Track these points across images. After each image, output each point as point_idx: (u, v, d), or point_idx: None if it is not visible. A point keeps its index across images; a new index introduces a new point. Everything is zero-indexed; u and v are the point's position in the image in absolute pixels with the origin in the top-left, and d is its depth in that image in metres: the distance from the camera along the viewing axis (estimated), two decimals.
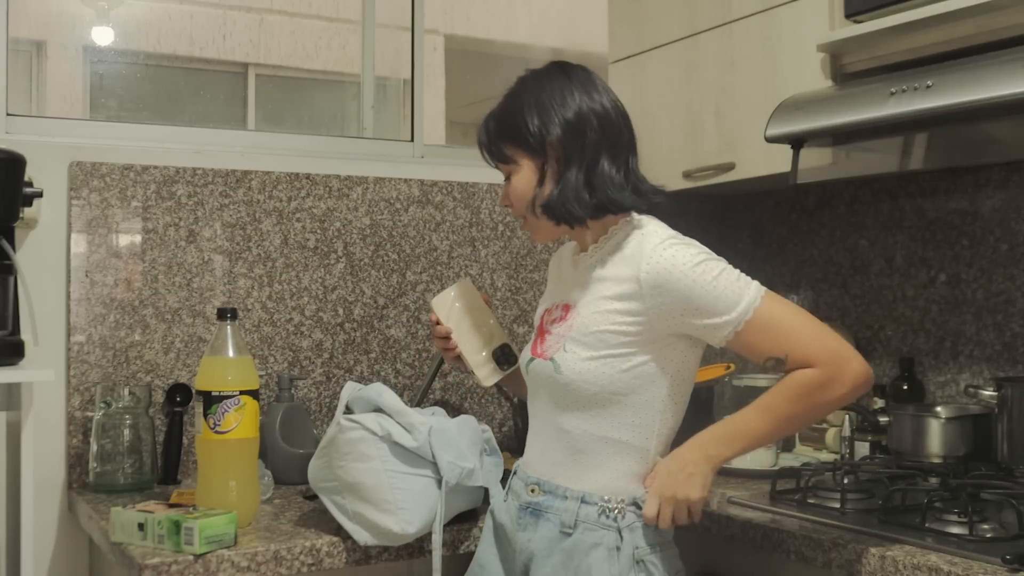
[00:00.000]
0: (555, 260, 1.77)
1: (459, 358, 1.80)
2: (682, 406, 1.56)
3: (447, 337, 1.79)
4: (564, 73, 1.57)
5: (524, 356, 1.64)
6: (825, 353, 1.44)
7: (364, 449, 1.61)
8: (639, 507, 1.49)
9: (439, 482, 1.64)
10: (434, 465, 1.64)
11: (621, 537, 1.47)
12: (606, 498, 1.49)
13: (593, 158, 1.52)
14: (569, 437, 1.53)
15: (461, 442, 1.69)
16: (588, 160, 1.52)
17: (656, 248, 1.48)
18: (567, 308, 1.58)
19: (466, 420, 1.76)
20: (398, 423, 1.65)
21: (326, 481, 1.66)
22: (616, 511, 1.48)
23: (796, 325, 1.46)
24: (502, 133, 1.57)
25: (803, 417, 1.49)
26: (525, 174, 1.55)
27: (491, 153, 1.60)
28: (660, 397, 1.51)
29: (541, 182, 1.54)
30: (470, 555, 1.70)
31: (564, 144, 1.52)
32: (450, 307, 1.82)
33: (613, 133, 1.54)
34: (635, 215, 1.56)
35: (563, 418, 1.53)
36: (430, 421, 1.67)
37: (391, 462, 1.61)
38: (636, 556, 1.47)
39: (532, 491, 1.55)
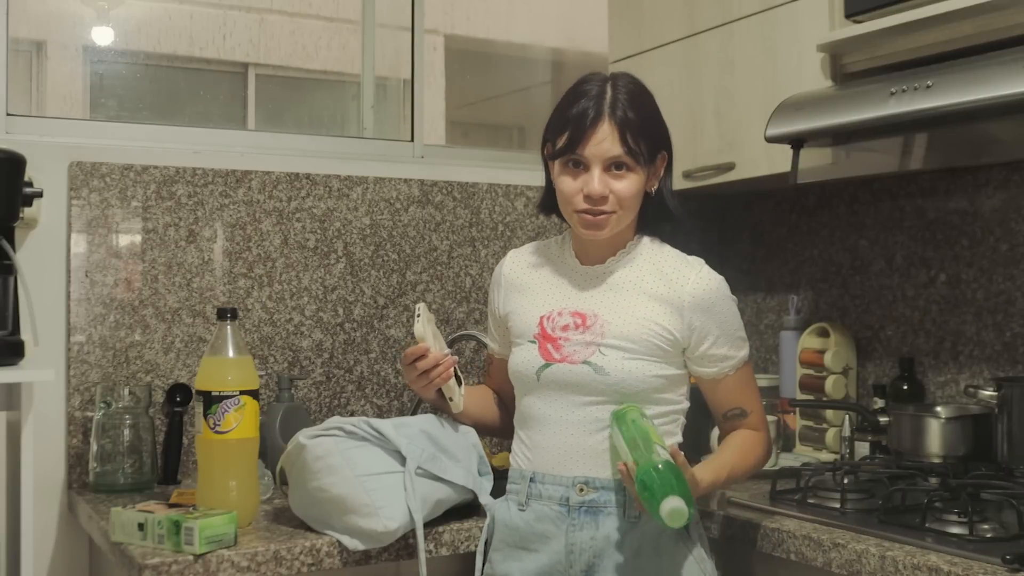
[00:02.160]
0: (530, 268, 1.73)
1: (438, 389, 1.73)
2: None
3: (437, 365, 1.70)
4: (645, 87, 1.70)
5: (531, 362, 1.63)
6: (764, 426, 1.73)
7: (331, 461, 1.62)
8: None
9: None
10: (402, 459, 1.64)
11: (690, 526, 1.58)
12: None
13: (671, 179, 1.70)
14: (607, 431, 1.59)
15: (437, 439, 1.70)
16: (670, 182, 1.70)
17: (702, 272, 1.64)
18: (585, 317, 1.62)
19: (432, 419, 1.75)
20: (359, 426, 1.66)
21: (311, 508, 1.66)
22: None
23: (757, 391, 1.73)
24: (648, 134, 1.61)
25: (745, 476, 1.70)
26: (639, 178, 1.61)
27: (628, 149, 1.58)
28: (682, 392, 1.68)
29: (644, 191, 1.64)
30: (471, 555, 1.70)
31: (668, 160, 1.68)
32: (433, 335, 1.74)
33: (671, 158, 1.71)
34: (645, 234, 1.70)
35: (601, 412, 1.59)
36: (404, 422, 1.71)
37: (359, 467, 1.62)
38: (699, 529, 1.62)
39: (581, 490, 1.57)
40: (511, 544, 1.62)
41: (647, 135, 1.60)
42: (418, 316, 1.73)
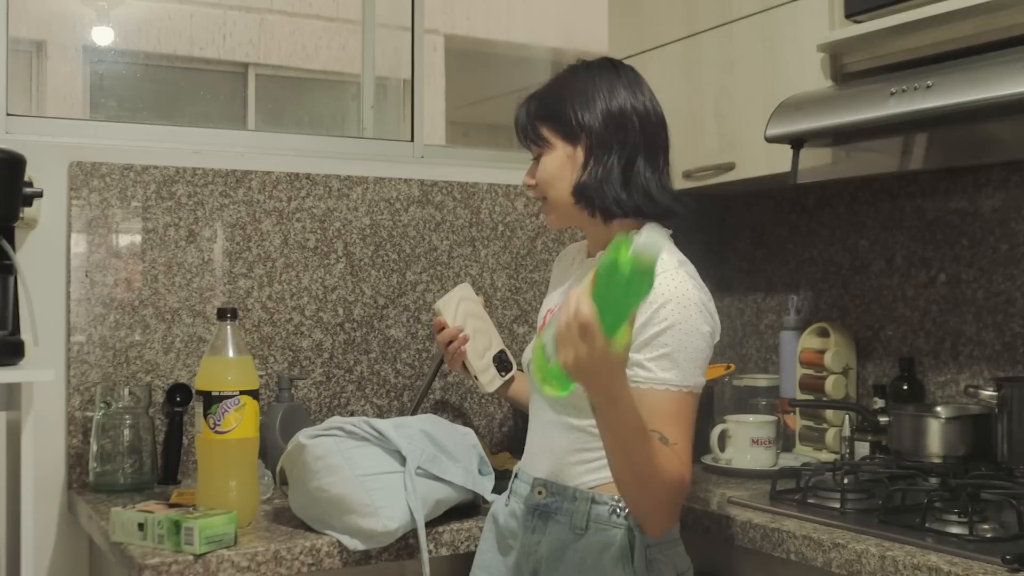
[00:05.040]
0: (560, 261, 1.77)
1: (462, 363, 1.81)
2: None
3: (452, 340, 1.79)
4: (614, 68, 1.60)
5: (527, 356, 1.64)
6: (688, 471, 1.41)
7: (330, 461, 1.62)
8: None
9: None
10: (402, 459, 1.64)
11: (634, 536, 1.46)
12: (616, 497, 1.47)
13: (631, 156, 1.54)
14: (575, 434, 1.52)
15: (437, 439, 1.71)
16: (627, 156, 1.54)
17: (670, 267, 1.47)
18: None
19: (432, 419, 1.76)
20: (359, 426, 1.67)
21: (311, 508, 1.66)
22: (627, 510, 1.47)
23: (690, 433, 1.44)
24: (542, 114, 1.58)
25: (638, 476, 1.36)
26: (558, 156, 1.57)
27: (526, 132, 1.60)
28: None
29: (574, 167, 1.55)
30: (471, 555, 1.70)
31: (603, 135, 1.53)
32: (455, 310, 1.82)
33: (652, 135, 1.56)
34: (645, 225, 1.55)
35: (570, 417, 1.53)
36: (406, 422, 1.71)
37: (359, 467, 1.62)
38: (649, 555, 1.46)
39: (539, 493, 1.55)
40: (494, 535, 1.64)
41: (543, 111, 1.58)
42: (454, 293, 1.87)
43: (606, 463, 1.46)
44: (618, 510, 1.47)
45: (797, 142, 1.98)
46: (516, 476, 1.63)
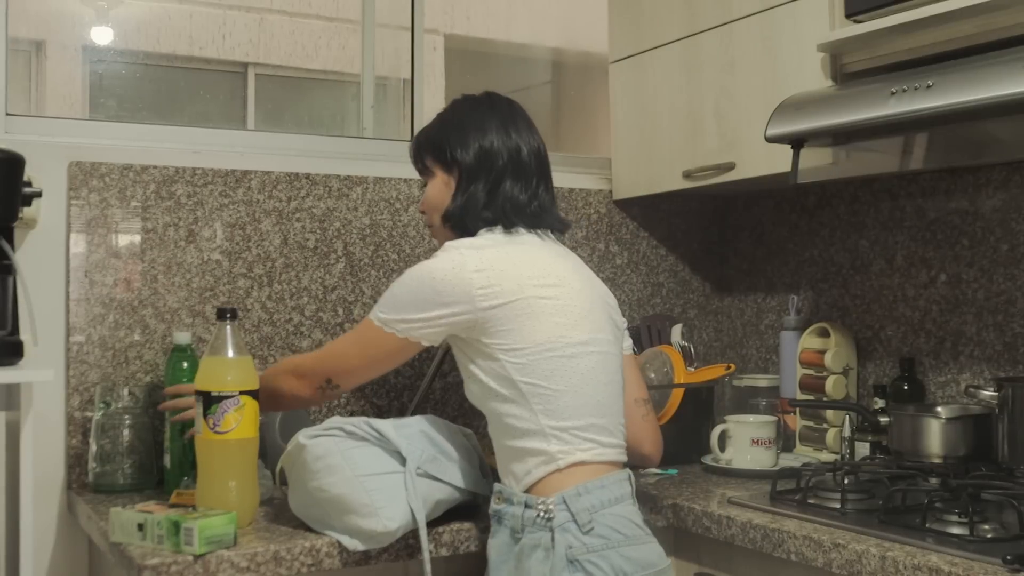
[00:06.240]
0: None
1: None
2: (520, 384, 1.58)
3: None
4: (490, 105, 1.77)
5: None
6: (310, 363, 1.74)
7: (330, 461, 1.62)
8: (567, 504, 1.51)
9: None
10: (402, 459, 1.65)
11: (554, 538, 1.49)
12: (541, 500, 1.52)
13: (496, 182, 1.71)
14: (501, 445, 1.62)
15: (437, 440, 1.72)
16: (491, 183, 1.71)
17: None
18: None
19: (431, 420, 1.76)
20: (359, 426, 1.68)
21: (310, 508, 1.67)
22: (549, 512, 1.51)
23: (337, 343, 1.73)
24: (426, 147, 1.79)
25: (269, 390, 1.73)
26: (437, 185, 1.76)
27: (415, 162, 1.83)
28: (484, 386, 1.62)
29: (450, 193, 1.73)
30: (471, 555, 1.70)
31: (472, 167, 1.72)
32: None
33: (520, 167, 1.72)
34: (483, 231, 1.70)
35: (490, 429, 1.65)
36: (405, 422, 1.72)
37: (359, 467, 1.62)
38: (569, 555, 1.48)
39: (497, 499, 1.60)
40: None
41: (427, 144, 1.79)
42: None
43: (525, 460, 1.57)
44: (542, 513, 1.51)
45: (797, 142, 1.98)
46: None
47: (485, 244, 1.66)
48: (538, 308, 1.59)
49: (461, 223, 1.71)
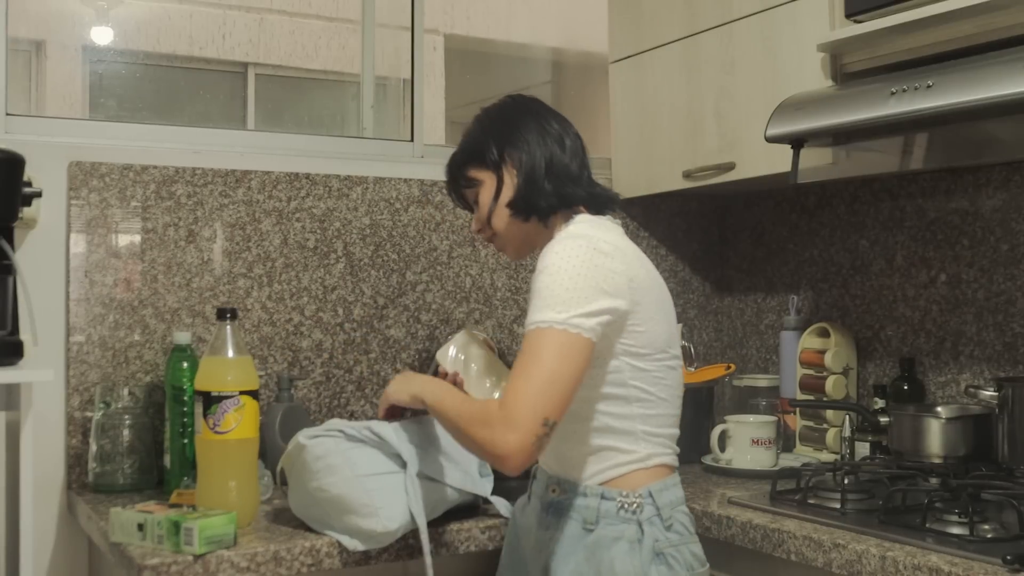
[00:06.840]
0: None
1: None
2: (615, 388, 1.52)
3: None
4: (515, 103, 1.70)
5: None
6: (513, 404, 1.39)
7: (331, 461, 1.62)
8: (654, 498, 1.50)
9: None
10: (402, 462, 1.65)
11: (642, 531, 1.49)
12: (624, 493, 1.50)
13: (549, 155, 1.62)
14: (577, 433, 1.53)
15: (437, 441, 1.71)
16: (545, 159, 1.62)
17: (550, 244, 1.51)
18: None
19: (431, 421, 1.76)
20: (359, 430, 1.67)
21: (310, 508, 1.66)
22: (635, 505, 1.49)
23: (536, 368, 1.41)
24: (461, 162, 1.68)
25: (455, 432, 1.50)
26: (488, 187, 1.64)
27: (457, 184, 1.69)
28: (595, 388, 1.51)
29: (500, 191, 1.63)
30: (471, 555, 1.70)
31: (519, 153, 1.62)
32: (454, 360, 1.85)
33: (565, 149, 1.64)
34: (577, 217, 1.61)
35: (567, 419, 1.53)
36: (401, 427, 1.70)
37: (359, 467, 1.62)
38: (656, 548, 1.48)
39: (553, 491, 1.56)
40: (513, 535, 1.67)
41: (465, 158, 1.68)
42: (451, 344, 1.91)
43: (609, 457, 1.52)
44: (626, 505, 1.49)
45: (797, 142, 1.98)
46: (534, 476, 1.64)
47: (598, 228, 1.56)
48: (656, 308, 1.54)
49: (529, 202, 1.60)
